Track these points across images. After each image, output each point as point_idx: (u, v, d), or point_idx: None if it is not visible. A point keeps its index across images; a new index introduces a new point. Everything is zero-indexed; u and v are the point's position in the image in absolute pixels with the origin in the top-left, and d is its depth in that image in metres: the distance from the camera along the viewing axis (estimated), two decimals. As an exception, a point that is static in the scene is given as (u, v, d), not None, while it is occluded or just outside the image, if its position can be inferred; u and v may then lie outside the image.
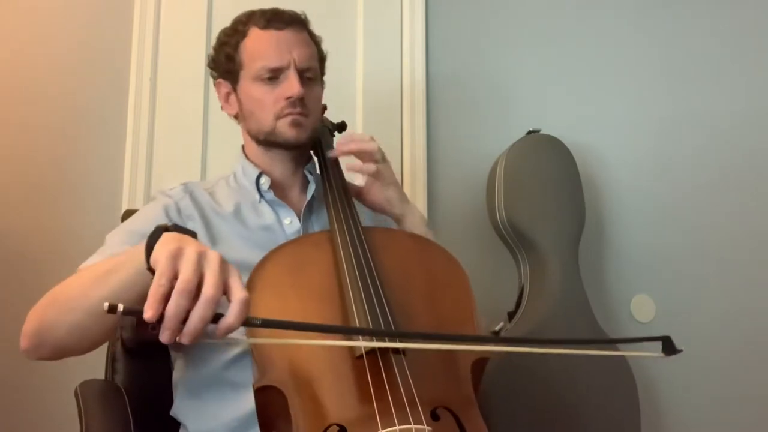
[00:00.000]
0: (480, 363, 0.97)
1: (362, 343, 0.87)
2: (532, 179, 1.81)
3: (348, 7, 1.99)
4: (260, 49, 1.21)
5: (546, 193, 1.81)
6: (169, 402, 1.14)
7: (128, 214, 1.42)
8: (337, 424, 0.83)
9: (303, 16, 1.28)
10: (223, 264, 0.77)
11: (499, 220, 1.81)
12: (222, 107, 1.32)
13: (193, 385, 1.11)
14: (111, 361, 1.24)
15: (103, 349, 1.29)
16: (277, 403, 0.87)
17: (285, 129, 1.21)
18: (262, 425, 0.90)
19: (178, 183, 1.27)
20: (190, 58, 1.88)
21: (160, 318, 0.72)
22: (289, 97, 1.19)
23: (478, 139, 1.98)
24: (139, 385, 1.20)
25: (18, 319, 1.68)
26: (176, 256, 0.75)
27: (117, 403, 1.11)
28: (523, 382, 1.67)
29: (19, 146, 1.77)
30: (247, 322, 0.76)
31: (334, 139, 1.38)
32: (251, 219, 1.21)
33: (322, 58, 1.32)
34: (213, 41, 1.37)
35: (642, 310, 1.96)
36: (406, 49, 1.99)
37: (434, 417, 0.85)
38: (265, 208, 1.23)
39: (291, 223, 1.22)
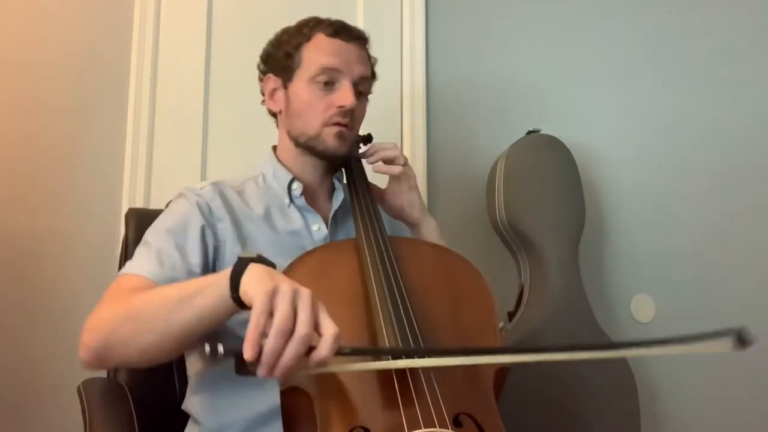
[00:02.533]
0: (503, 371, 0.99)
1: (395, 363, 0.87)
2: (532, 179, 1.81)
3: (348, 8, 1.99)
4: (324, 52, 1.22)
5: (546, 193, 1.82)
6: (172, 400, 1.14)
7: (130, 213, 1.43)
8: (362, 427, 0.84)
9: (367, 36, 1.30)
10: (315, 301, 0.80)
11: (499, 220, 1.81)
12: (264, 102, 1.31)
13: (205, 380, 1.11)
14: (113, 359, 1.24)
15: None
16: (302, 405, 0.88)
17: (329, 138, 1.21)
18: (286, 426, 0.91)
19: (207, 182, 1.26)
20: (190, 58, 1.88)
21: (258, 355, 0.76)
22: (341, 106, 1.19)
23: (478, 139, 1.98)
24: (142, 383, 1.19)
25: (19, 318, 1.70)
26: (273, 295, 0.78)
27: (120, 400, 1.11)
28: (523, 381, 1.67)
29: (20, 146, 1.77)
30: (339, 352, 0.78)
31: (360, 150, 1.38)
32: (280, 223, 1.21)
33: (373, 78, 1.33)
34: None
35: (642, 310, 1.97)
36: (406, 49, 1.99)
37: (457, 423, 0.86)
38: (294, 213, 1.23)
39: (319, 230, 1.22)
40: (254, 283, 0.82)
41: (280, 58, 1.26)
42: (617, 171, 2.02)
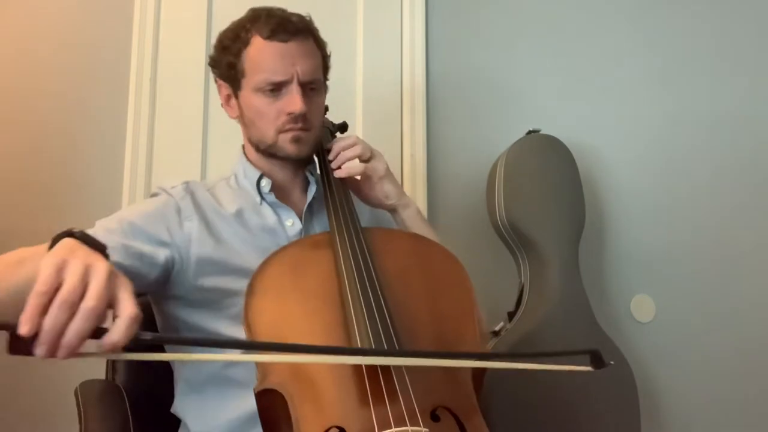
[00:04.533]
0: (479, 368, 0.98)
1: (360, 359, 0.87)
2: (532, 179, 1.81)
3: (348, 7, 1.99)
4: (263, 61, 1.18)
5: (546, 193, 1.81)
6: (169, 401, 1.15)
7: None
8: (337, 426, 0.83)
9: (308, 19, 1.24)
10: (113, 275, 0.71)
11: (499, 220, 1.81)
12: (222, 106, 1.31)
13: (194, 383, 1.12)
14: (111, 361, 1.25)
15: (104, 348, 1.29)
16: (278, 406, 0.88)
17: (286, 144, 1.20)
18: (264, 428, 0.91)
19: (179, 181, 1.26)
20: (190, 58, 1.88)
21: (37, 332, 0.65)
22: (290, 113, 1.17)
23: (478, 139, 1.98)
24: (140, 385, 1.20)
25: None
26: (61, 266, 0.68)
27: (116, 403, 1.11)
28: (522, 381, 1.67)
29: (20, 146, 1.77)
30: (136, 340, 0.68)
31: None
32: (253, 221, 1.21)
33: (326, 64, 1.29)
34: (213, 41, 1.35)
35: (642, 310, 1.96)
36: (406, 49, 1.99)
37: (434, 418, 0.86)
38: (266, 209, 1.23)
39: (293, 225, 1.22)
40: (48, 255, 0.72)
41: (224, 67, 1.23)
42: (617, 171, 2.02)
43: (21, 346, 0.64)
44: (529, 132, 1.88)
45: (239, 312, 0.99)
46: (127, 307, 0.69)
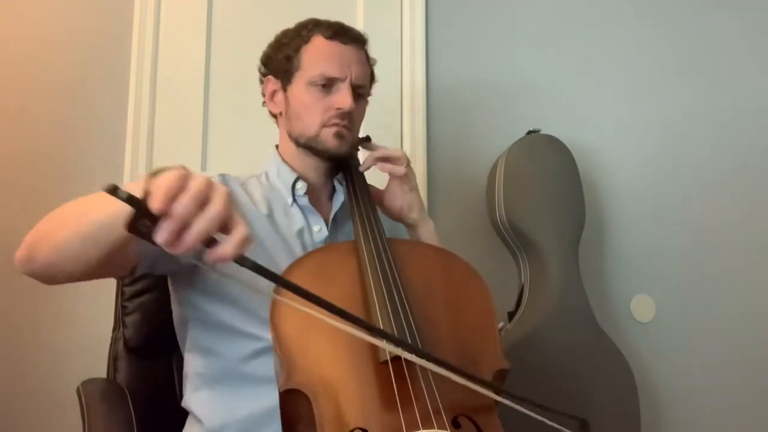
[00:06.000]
0: (502, 373, 1.00)
1: (387, 346, 0.87)
2: (532, 179, 1.82)
3: (348, 9, 1.99)
4: (322, 56, 1.23)
5: (546, 193, 1.82)
6: (172, 400, 1.15)
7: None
8: (361, 428, 0.84)
9: (365, 37, 1.31)
10: (230, 197, 0.72)
11: (499, 220, 1.81)
12: (264, 103, 1.33)
13: (207, 377, 1.11)
14: (113, 360, 1.25)
15: (105, 348, 1.29)
16: (301, 406, 0.88)
17: (328, 138, 1.23)
18: (285, 427, 0.91)
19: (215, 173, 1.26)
20: (190, 58, 1.88)
21: (158, 218, 0.67)
22: (339, 109, 1.21)
23: (478, 139, 1.98)
24: (141, 384, 1.20)
25: (19, 318, 1.70)
26: (186, 175, 0.70)
27: (119, 401, 1.11)
28: (523, 380, 1.67)
29: (20, 146, 1.77)
30: (240, 259, 0.71)
31: (358, 153, 1.39)
32: (282, 223, 1.21)
33: (372, 79, 1.35)
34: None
35: (642, 310, 1.97)
36: (406, 49, 1.99)
37: (456, 425, 0.87)
38: (296, 212, 1.24)
39: (320, 231, 1.23)
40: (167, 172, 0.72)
41: (279, 61, 1.27)
42: (617, 171, 2.02)
43: (142, 227, 0.66)
44: (529, 132, 1.88)
45: (255, 307, 1.01)
46: (242, 228, 0.71)
